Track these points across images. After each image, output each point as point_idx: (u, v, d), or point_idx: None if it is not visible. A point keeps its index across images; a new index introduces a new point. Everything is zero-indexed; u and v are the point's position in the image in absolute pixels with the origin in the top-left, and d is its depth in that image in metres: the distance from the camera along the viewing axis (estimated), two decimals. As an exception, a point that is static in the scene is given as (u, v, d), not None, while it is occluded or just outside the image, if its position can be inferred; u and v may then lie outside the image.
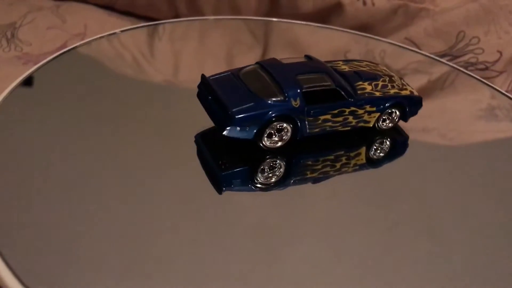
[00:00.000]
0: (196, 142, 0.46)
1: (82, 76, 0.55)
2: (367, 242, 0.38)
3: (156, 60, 0.61)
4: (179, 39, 0.66)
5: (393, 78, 0.50)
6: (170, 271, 0.34)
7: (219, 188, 0.42)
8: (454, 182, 0.46)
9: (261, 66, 0.46)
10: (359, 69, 0.50)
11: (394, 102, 0.48)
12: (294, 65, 0.47)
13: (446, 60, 0.70)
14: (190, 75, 0.58)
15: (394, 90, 0.49)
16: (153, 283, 0.33)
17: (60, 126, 0.46)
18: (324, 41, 0.70)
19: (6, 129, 0.45)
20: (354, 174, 0.45)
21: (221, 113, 0.43)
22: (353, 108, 0.46)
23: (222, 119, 0.43)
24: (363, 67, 0.51)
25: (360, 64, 0.52)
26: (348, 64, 0.51)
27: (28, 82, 0.52)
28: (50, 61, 0.55)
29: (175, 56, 0.62)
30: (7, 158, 0.42)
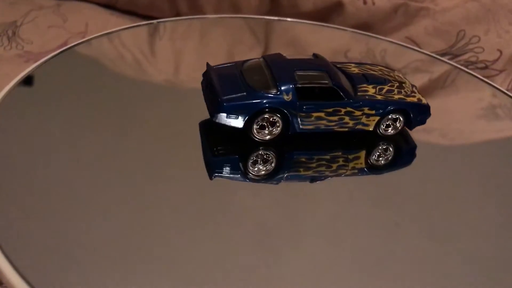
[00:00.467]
0: (198, 141, 0.47)
1: (82, 74, 0.55)
2: (368, 242, 0.39)
3: (156, 58, 0.61)
4: (180, 38, 0.66)
5: (403, 85, 0.50)
6: (171, 271, 0.34)
7: (211, 174, 0.43)
8: (455, 182, 0.46)
9: (264, 60, 0.47)
10: (369, 72, 0.50)
11: (396, 107, 0.47)
12: (296, 61, 0.47)
13: (447, 59, 0.70)
14: (190, 74, 0.58)
15: (399, 96, 0.48)
16: (154, 283, 0.33)
17: (60, 124, 0.46)
18: (324, 40, 0.70)
19: (6, 127, 0.45)
20: (354, 174, 0.45)
21: (213, 100, 0.45)
22: (349, 108, 0.46)
23: (214, 106, 0.45)
24: (374, 71, 0.51)
25: (372, 68, 0.52)
26: (360, 66, 0.51)
27: (28, 80, 0.52)
28: (50, 59, 0.56)
29: (176, 54, 0.62)
30: (7, 156, 0.42)
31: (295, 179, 0.44)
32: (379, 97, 0.47)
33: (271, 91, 0.44)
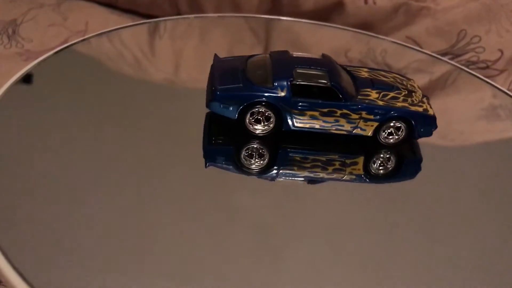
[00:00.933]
0: (198, 140, 0.47)
1: (82, 73, 0.55)
2: (367, 243, 0.38)
3: (156, 57, 0.61)
4: (180, 37, 0.66)
5: (413, 94, 0.48)
6: (170, 270, 0.34)
7: (206, 163, 0.44)
8: (456, 183, 0.46)
9: (270, 56, 0.48)
10: (378, 78, 0.49)
11: (396, 114, 0.46)
12: (299, 59, 0.47)
13: (447, 58, 0.70)
14: (190, 73, 0.58)
15: (403, 104, 0.46)
16: (153, 282, 0.33)
17: (59, 122, 0.46)
18: (325, 39, 0.70)
19: (5, 125, 0.45)
20: (354, 174, 0.45)
21: (210, 89, 0.46)
22: (345, 110, 0.45)
23: (209, 95, 0.46)
24: (386, 78, 0.50)
25: (385, 74, 0.51)
26: (372, 72, 0.51)
27: (27, 79, 0.52)
28: (50, 57, 0.55)
29: (176, 53, 0.62)
30: (6, 155, 0.42)
31: (289, 177, 0.44)
32: (380, 102, 0.46)
33: (267, 86, 0.45)
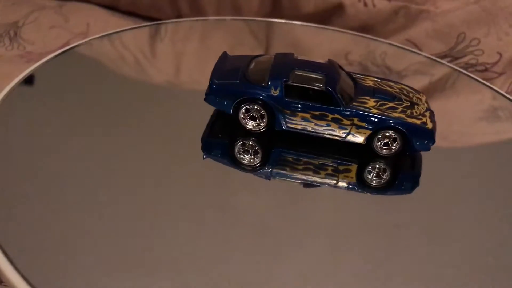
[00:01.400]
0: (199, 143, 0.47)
1: (83, 75, 0.55)
2: (368, 244, 0.39)
3: (157, 60, 0.61)
4: (181, 40, 0.66)
5: (415, 106, 0.47)
6: (171, 271, 0.35)
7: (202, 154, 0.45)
8: (456, 184, 0.46)
9: (274, 57, 0.49)
10: (382, 87, 0.49)
11: (389, 124, 0.45)
12: (301, 62, 0.48)
13: (446, 61, 0.71)
14: (191, 76, 0.58)
15: (399, 115, 0.46)
16: (153, 282, 0.33)
17: (61, 124, 0.47)
18: (325, 42, 0.70)
19: (7, 126, 0.45)
20: (354, 175, 0.45)
21: (208, 83, 0.47)
22: (337, 115, 0.45)
23: (207, 89, 0.47)
24: (391, 88, 0.49)
25: (392, 85, 0.50)
26: (378, 81, 0.50)
27: (29, 81, 0.52)
28: (51, 59, 0.56)
29: (176, 56, 0.62)
30: (8, 156, 0.42)
31: (285, 177, 0.44)
32: (375, 111, 0.45)
33: (262, 84, 0.46)
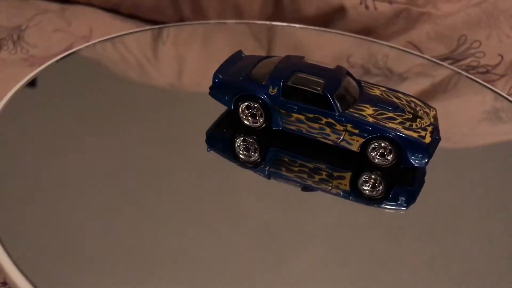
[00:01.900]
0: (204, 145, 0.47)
1: (86, 78, 0.55)
2: (369, 245, 0.39)
3: (159, 63, 0.61)
4: (183, 43, 0.67)
5: (417, 119, 0.46)
6: (172, 272, 0.35)
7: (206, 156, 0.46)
8: (458, 185, 0.46)
9: (283, 59, 0.49)
10: (388, 98, 0.47)
11: (382, 134, 0.44)
12: (306, 65, 0.48)
13: (448, 63, 0.71)
14: (194, 79, 0.59)
15: (396, 126, 0.44)
16: (155, 283, 0.34)
17: (64, 127, 0.47)
18: (327, 45, 0.70)
19: (10, 130, 0.46)
20: (354, 175, 0.46)
21: (213, 78, 0.49)
22: (331, 120, 0.45)
23: (212, 83, 0.49)
24: (397, 99, 0.47)
25: (400, 96, 0.48)
26: (387, 91, 0.49)
27: (32, 84, 0.52)
28: (55, 63, 0.56)
29: (179, 59, 0.63)
30: (11, 158, 0.42)
31: (295, 179, 0.44)
32: (370, 119, 0.45)
33: (261, 83, 0.46)
